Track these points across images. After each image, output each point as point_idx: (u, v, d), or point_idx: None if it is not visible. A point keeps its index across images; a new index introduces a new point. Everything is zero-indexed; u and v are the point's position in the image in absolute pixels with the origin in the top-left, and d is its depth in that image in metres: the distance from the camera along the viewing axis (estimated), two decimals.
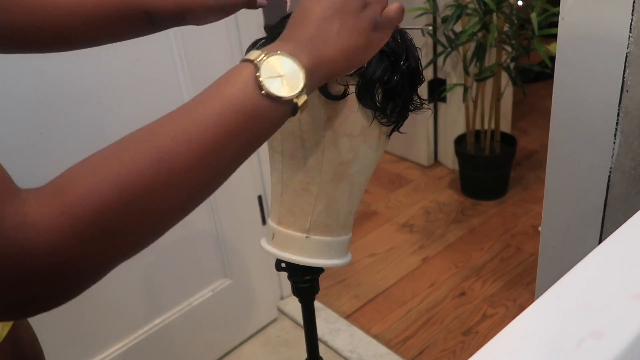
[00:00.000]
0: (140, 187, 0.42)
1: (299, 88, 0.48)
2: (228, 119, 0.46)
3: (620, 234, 0.58)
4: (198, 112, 0.46)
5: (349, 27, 0.54)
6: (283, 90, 0.48)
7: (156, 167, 0.42)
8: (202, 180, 0.46)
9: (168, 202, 0.44)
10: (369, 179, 0.79)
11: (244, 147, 0.48)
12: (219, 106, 0.46)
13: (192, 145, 0.44)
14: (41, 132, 1.14)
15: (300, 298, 0.89)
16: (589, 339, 0.46)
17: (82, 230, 0.39)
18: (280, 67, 0.48)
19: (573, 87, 0.93)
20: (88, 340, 1.36)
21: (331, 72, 0.54)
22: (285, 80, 0.48)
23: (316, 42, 0.52)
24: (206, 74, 1.36)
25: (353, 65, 0.56)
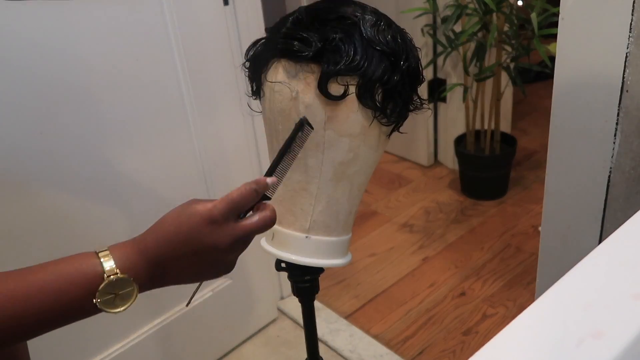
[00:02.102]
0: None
1: (122, 308, 0.56)
2: (55, 312, 0.53)
3: (620, 234, 0.58)
4: (30, 301, 0.52)
5: (196, 269, 0.60)
6: (110, 306, 0.55)
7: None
8: (5, 340, 0.53)
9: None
10: (369, 179, 0.79)
11: (54, 326, 0.55)
12: (53, 302, 0.53)
13: (14, 326, 0.51)
14: (41, 132, 1.14)
15: (300, 298, 0.89)
16: (589, 339, 0.46)
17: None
18: (122, 288, 0.55)
19: (573, 87, 0.93)
20: (88, 340, 1.36)
21: (158, 287, 0.60)
22: (117, 299, 0.55)
23: (160, 268, 0.58)
24: (206, 74, 1.36)
25: (183, 283, 0.62)
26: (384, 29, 0.69)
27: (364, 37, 0.68)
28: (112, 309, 0.55)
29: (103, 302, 0.54)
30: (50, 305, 0.52)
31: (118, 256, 0.56)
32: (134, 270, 0.56)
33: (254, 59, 0.75)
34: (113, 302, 0.55)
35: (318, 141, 0.71)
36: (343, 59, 0.67)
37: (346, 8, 0.70)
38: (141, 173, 1.31)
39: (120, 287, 0.55)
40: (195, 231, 0.58)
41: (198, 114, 1.35)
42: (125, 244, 0.57)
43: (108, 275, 0.54)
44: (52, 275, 0.53)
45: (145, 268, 0.57)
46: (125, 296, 0.55)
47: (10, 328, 0.51)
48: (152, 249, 0.57)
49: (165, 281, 0.59)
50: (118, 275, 0.55)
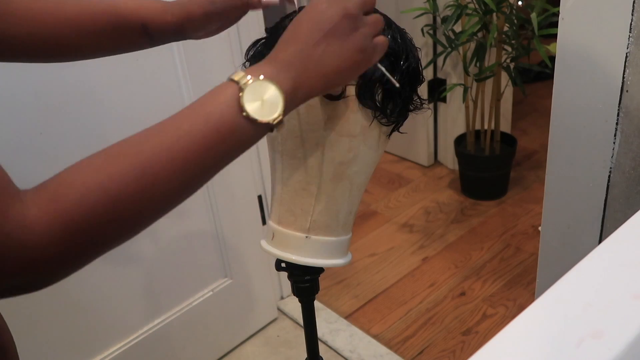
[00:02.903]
0: (125, 199, 0.47)
1: (277, 113, 0.52)
2: (209, 137, 0.50)
3: (620, 234, 0.58)
4: (182, 129, 0.50)
5: (332, 52, 0.56)
6: (262, 113, 0.52)
7: (140, 181, 0.47)
8: (180, 190, 0.51)
9: (148, 210, 0.49)
10: (369, 179, 0.79)
11: (221, 160, 0.53)
12: (201, 124, 0.50)
13: (174, 162, 0.49)
14: (41, 132, 1.14)
15: (300, 298, 0.89)
16: (589, 339, 0.46)
17: (73, 234, 0.44)
18: (262, 92, 0.52)
19: (573, 87, 0.93)
20: (88, 340, 1.36)
21: (309, 95, 0.57)
22: (266, 105, 0.52)
23: (298, 66, 0.55)
24: (206, 74, 1.36)
25: (332, 87, 0.59)
26: (383, 29, 0.69)
27: None
28: (266, 117, 0.52)
29: (253, 110, 0.51)
30: (203, 131, 0.50)
31: (250, 70, 0.53)
32: (267, 74, 0.52)
33: (254, 59, 0.75)
34: (261, 109, 0.51)
35: (318, 141, 0.71)
36: None
37: None
38: None
39: (261, 90, 0.52)
40: (314, 11, 0.56)
41: None
42: (257, 64, 0.55)
43: (243, 82, 0.51)
44: (195, 104, 0.52)
45: (279, 69, 0.54)
46: (273, 101, 0.52)
47: (175, 169, 0.49)
48: (282, 53, 0.55)
49: (311, 79, 0.56)
50: (253, 78, 0.51)
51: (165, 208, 0.51)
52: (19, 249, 0.43)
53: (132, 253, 1.36)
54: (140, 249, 1.38)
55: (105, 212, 0.46)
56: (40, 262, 0.44)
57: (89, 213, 0.45)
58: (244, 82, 0.51)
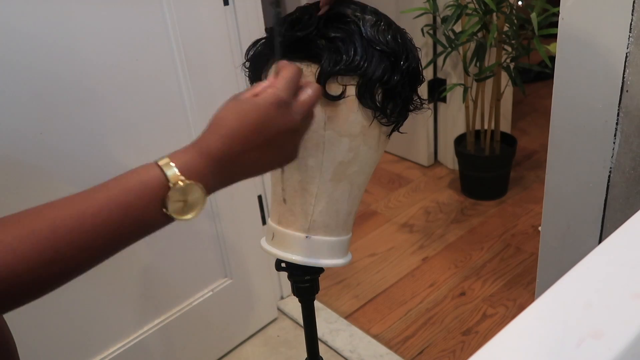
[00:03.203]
0: (30, 279, 0.48)
1: (193, 214, 0.54)
2: (124, 227, 0.52)
3: (620, 234, 0.58)
4: (100, 216, 0.51)
5: (265, 158, 0.58)
6: (180, 213, 0.53)
7: (49, 265, 0.49)
8: (85, 267, 0.53)
9: (52, 283, 0.51)
10: (369, 179, 0.79)
11: (127, 244, 0.54)
12: (121, 215, 0.51)
13: (86, 247, 0.50)
14: (41, 132, 1.14)
15: (300, 298, 0.89)
16: (589, 339, 0.46)
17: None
18: (188, 194, 0.53)
19: (573, 87, 0.93)
20: (88, 340, 1.36)
21: (225, 186, 0.58)
22: (187, 206, 0.53)
23: (228, 165, 0.56)
24: (206, 74, 1.36)
25: (251, 176, 0.60)
26: (384, 29, 0.69)
27: (364, 37, 0.68)
28: (182, 216, 0.53)
29: (173, 210, 0.52)
30: (120, 221, 0.51)
31: (180, 163, 0.53)
32: (199, 174, 0.53)
33: (254, 59, 0.75)
34: (182, 209, 0.53)
35: (318, 141, 0.71)
36: (343, 59, 0.67)
37: (346, 8, 0.70)
38: None
39: (187, 193, 0.53)
40: (265, 119, 0.56)
41: (198, 114, 1.35)
42: (185, 149, 0.55)
43: (173, 183, 0.52)
44: (117, 191, 0.52)
45: (211, 170, 0.54)
46: (195, 202, 0.53)
47: (83, 251, 0.50)
48: (217, 149, 0.55)
49: (233, 179, 0.57)
50: (184, 181, 0.52)
51: (70, 278, 0.52)
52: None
53: (133, 253, 1.36)
54: (140, 249, 1.38)
55: (7, 287, 0.47)
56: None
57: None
58: (174, 181, 0.52)
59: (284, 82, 0.58)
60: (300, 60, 0.69)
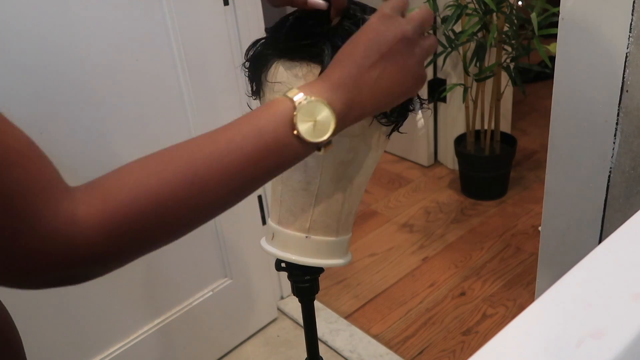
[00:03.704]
0: (174, 204, 0.48)
1: (327, 135, 0.53)
2: (260, 152, 0.51)
3: (620, 234, 0.58)
4: (234, 142, 0.51)
5: (387, 75, 0.57)
6: (313, 134, 0.53)
7: (190, 188, 0.49)
8: (226, 200, 0.52)
9: (195, 215, 0.51)
10: (369, 179, 0.79)
11: (268, 174, 0.54)
12: (254, 138, 0.51)
13: (225, 172, 0.50)
14: (41, 132, 1.14)
15: (300, 298, 0.89)
16: (589, 339, 0.46)
17: (120, 234, 0.46)
18: (316, 113, 0.53)
19: (573, 87, 0.93)
20: (88, 340, 1.36)
21: (359, 116, 0.57)
22: (317, 126, 0.53)
23: (352, 88, 0.55)
24: (206, 74, 1.36)
25: (382, 109, 0.60)
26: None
27: None
28: (316, 138, 0.53)
29: (304, 131, 0.52)
30: (255, 145, 0.51)
31: (304, 89, 0.54)
32: (323, 94, 0.53)
33: (254, 59, 0.75)
34: (314, 130, 0.52)
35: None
36: None
37: (346, 8, 0.69)
38: None
39: (314, 111, 0.53)
40: (373, 32, 0.56)
41: (198, 114, 1.35)
42: (311, 82, 0.56)
43: (299, 102, 0.52)
44: (247, 119, 0.52)
45: (335, 92, 0.54)
46: (324, 121, 0.53)
47: (223, 178, 0.50)
48: (335, 73, 0.55)
49: (363, 103, 0.56)
50: (308, 99, 0.52)
51: (211, 214, 0.52)
52: (66, 244, 0.44)
53: None
54: None
55: (154, 216, 0.47)
56: (86, 258, 0.45)
57: (138, 215, 0.46)
58: (298, 101, 0.52)
59: (393, 3, 0.58)
60: (301, 60, 0.69)
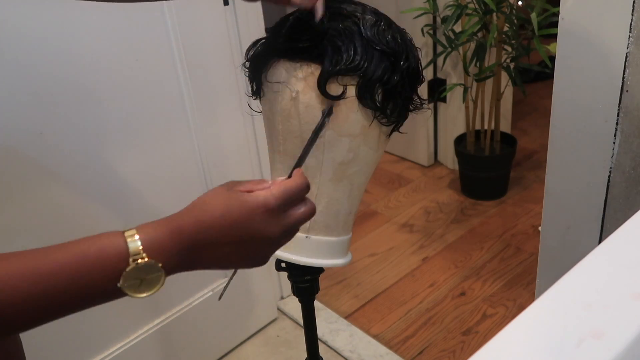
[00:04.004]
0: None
1: (148, 293, 0.52)
2: (73, 294, 0.49)
3: (620, 234, 0.58)
4: (57, 278, 0.49)
5: (236, 258, 0.56)
6: (135, 290, 0.51)
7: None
8: (27, 325, 0.50)
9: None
10: (369, 179, 0.79)
11: (75, 309, 0.52)
12: (80, 284, 0.49)
13: (29, 304, 0.48)
14: (41, 132, 1.14)
15: (300, 298, 0.89)
16: (589, 339, 0.46)
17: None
18: (148, 273, 0.51)
19: (573, 87, 0.93)
20: (88, 340, 1.36)
21: (188, 270, 0.55)
22: (144, 283, 0.51)
23: (194, 254, 0.53)
24: (206, 75, 1.36)
25: (212, 269, 0.58)
26: (384, 29, 0.69)
27: (364, 37, 0.68)
28: (136, 294, 0.51)
29: (128, 286, 0.50)
30: (69, 287, 0.48)
31: (146, 238, 0.51)
32: (163, 254, 0.51)
33: (254, 59, 0.75)
34: (138, 287, 0.50)
35: (318, 141, 0.71)
36: (343, 59, 0.67)
37: (346, 8, 0.70)
38: (141, 173, 1.31)
39: (146, 272, 0.50)
40: (247, 219, 0.54)
41: (198, 114, 1.35)
42: (157, 223, 0.52)
43: (134, 259, 0.49)
44: (72, 256, 0.49)
45: (176, 253, 0.52)
46: (152, 281, 0.51)
47: (26, 311, 0.48)
48: (188, 233, 0.52)
49: (194, 267, 0.55)
50: (145, 260, 0.50)
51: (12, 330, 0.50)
52: None
53: None
54: None
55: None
56: None
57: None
58: (134, 256, 0.50)
59: (282, 191, 0.56)
60: (301, 60, 0.69)
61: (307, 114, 0.70)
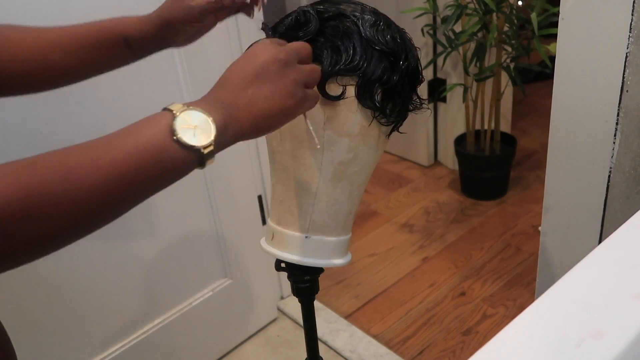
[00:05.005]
0: (44, 197, 0.45)
1: (209, 140, 0.53)
2: (137, 155, 0.50)
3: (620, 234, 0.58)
4: (112, 145, 0.50)
5: (261, 94, 0.58)
6: (193, 139, 0.52)
7: (63, 185, 0.46)
8: (104, 205, 0.50)
9: (70, 216, 0.48)
10: (369, 178, 0.79)
11: (147, 184, 0.52)
12: (132, 142, 0.50)
13: (100, 171, 0.48)
14: (41, 132, 1.14)
15: (300, 298, 0.89)
16: (589, 339, 0.46)
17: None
18: (195, 119, 0.53)
19: (573, 87, 0.93)
20: (88, 340, 1.36)
21: (239, 135, 0.57)
22: (197, 131, 0.53)
23: (228, 105, 0.56)
24: (206, 74, 1.36)
25: (262, 131, 0.60)
26: (383, 28, 0.69)
27: (363, 37, 0.68)
28: (197, 142, 0.52)
29: (184, 135, 0.51)
30: (132, 155, 0.49)
31: (182, 104, 0.54)
32: (201, 105, 0.54)
33: None
34: (193, 135, 0.52)
35: (317, 141, 0.71)
36: (342, 59, 0.67)
37: (345, 8, 0.69)
38: None
39: (193, 118, 0.53)
40: (248, 56, 0.59)
41: None
42: (187, 102, 0.56)
43: (177, 110, 0.52)
44: (127, 128, 0.52)
45: (212, 105, 0.55)
46: (204, 128, 0.53)
47: (104, 182, 0.48)
48: (214, 93, 0.58)
49: (240, 118, 0.57)
50: (187, 108, 0.53)
51: (86, 222, 0.50)
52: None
53: (133, 253, 1.36)
54: (140, 249, 1.37)
55: (20, 208, 0.44)
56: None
57: (6, 207, 0.43)
58: (177, 110, 0.53)
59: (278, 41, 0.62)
60: None
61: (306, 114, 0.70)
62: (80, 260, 1.26)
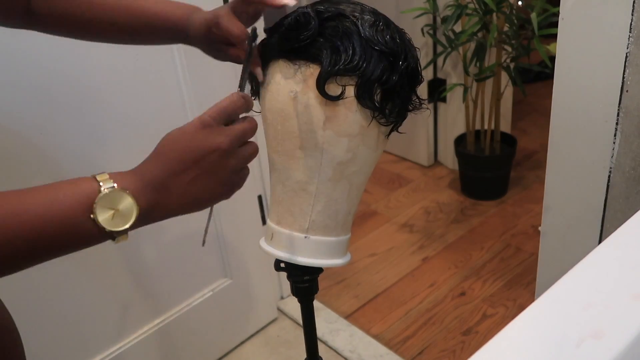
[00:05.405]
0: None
1: (124, 227, 0.53)
2: (47, 222, 0.50)
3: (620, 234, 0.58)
4: (25, 204, 0.50)
5: (198, 184, 0.58)
6: (109, 223, 0.52)
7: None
8: (2, 261, 0.49)
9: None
10: (368, 179, 0.79)
11: (53, 250, 0.51)
12: (45, 206, 0.50)
13: (6, 230, 0.48)
14: (41, 132, 1.14)
15: (299, 298, 0.89)
16: (589, 339, 0.46)
17: None
18: (121, 203, 0.52)
19: (573, 87, 0.93)
20: (88, 340, 1.36)
21: (164, 216, 0.57)
22: (117, 215, 0.52)
23: (161, 189, 0.56)
24: (206, 74, 1.36)
25: (188, 212, 0.59)
26: (382, 28, 0.69)
27: (363, 37, 0.67)
28: (112, 227, 0.52)
29: (102, 217, 0.51)
30: (42, 218, 0.49)
31: (114, 176, 0.53)
32: (131, 187, 0.53)
33: None
34: (112, 219, 0.51)
35: (317, 141, 0.71)
36: (342, 59, 0.67)
37: (345, 8, 0.69)
38: None
39: (118, 200, 0.52)
40: (191, 139, 0.58)
41: (198, 114, 1.35)
42: (123, 172, 0.55)
43: (103, 187, 0.51)
44: (45, 189, 0.51)
45: (143, 187, 0.54)
46: (126, 213, 0.52)
47: (5, 252, 0.48)
48: (150, 171, 0.56)
49: (169, 204, 0.57)
50: (114, 187, 0.52)
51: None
52: None
53: (133, 253, 1.36)
54: (140, 249, 1.37)
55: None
56: None
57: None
58: (105, 186, 0.52)
59: (214, 109, 0.60)
60: (300, 60, 0.69)
61: (306, 115, 0.70)
62: (80, 260, 1.26)
